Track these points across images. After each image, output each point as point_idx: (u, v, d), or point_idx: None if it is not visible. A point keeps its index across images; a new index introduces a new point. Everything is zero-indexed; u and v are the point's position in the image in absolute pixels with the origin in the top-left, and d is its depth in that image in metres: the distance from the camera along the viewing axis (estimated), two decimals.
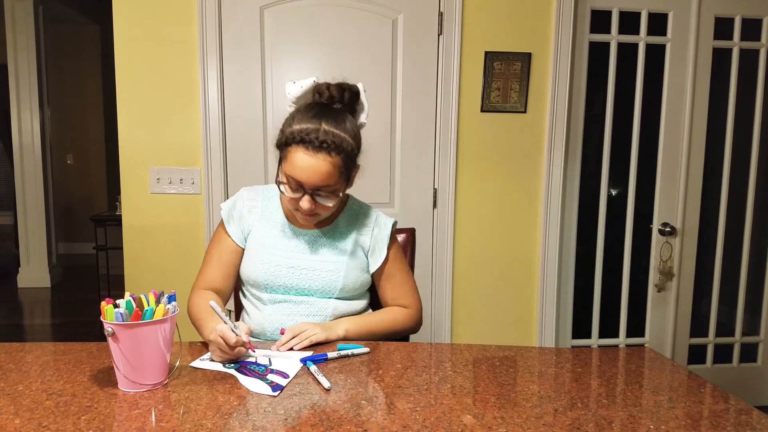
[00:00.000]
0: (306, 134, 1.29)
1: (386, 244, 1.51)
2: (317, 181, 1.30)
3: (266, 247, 1.45)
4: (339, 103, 1.36)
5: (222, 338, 1.16)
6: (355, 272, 1.47)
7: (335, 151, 1.29)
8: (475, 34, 2.42)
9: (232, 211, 1.50)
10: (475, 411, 0.99)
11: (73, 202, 6.99)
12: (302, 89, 1.38)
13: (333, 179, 1.32)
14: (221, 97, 2.36)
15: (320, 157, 1.29)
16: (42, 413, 0.95)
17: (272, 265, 1.43)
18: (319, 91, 1.36)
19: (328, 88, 1.36)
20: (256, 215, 1.49)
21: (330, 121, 1.31)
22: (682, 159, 2.65)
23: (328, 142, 1.28)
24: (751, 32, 2.63)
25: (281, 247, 1.45)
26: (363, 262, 1.50)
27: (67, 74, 6.75)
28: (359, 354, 1.27)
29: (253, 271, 1.44)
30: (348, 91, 1.37)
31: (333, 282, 1.43)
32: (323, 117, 1.32)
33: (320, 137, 1.28)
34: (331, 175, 1.31)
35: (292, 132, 1.31)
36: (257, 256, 1.44)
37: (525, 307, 2.61)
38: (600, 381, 1.15)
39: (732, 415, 1.01)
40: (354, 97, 1.38)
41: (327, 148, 1.28)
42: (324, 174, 1.30)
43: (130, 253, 2.41)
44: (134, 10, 2.30)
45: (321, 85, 1.37)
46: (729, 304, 2.86)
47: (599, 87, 2.61)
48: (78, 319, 4.54)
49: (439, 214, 2.51)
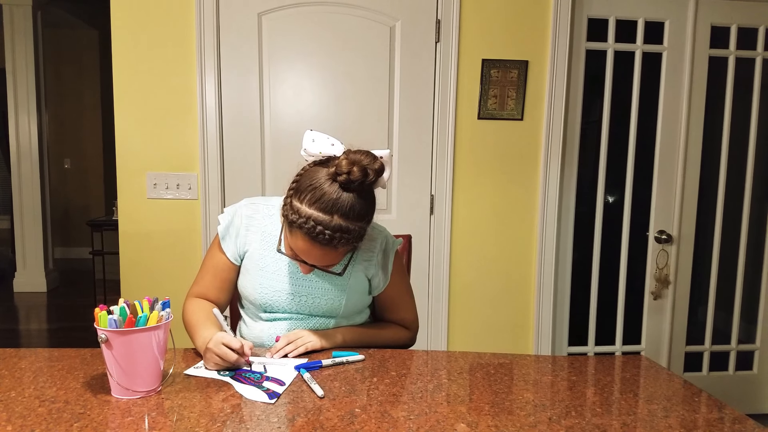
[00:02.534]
0: (314, 228, 1.18)
1: (389, 270, 1.48)
2: (321, 263, 1.27)
3: (265, 272, 1.40)
4: (361, 186, 1.20)
5: (225, 345, 1.15)
6: (357, 296, 1.45)
7: (344, 245, 1.22)
8: (473, 42, 2.43)
9: (229, 227, 1.43)
10: (470, 419, 0.99)
11: (70, 206, 6.98)
12: (320, 154, 1.25)
13: (338, 260, 1.29)
14: (219, 103, 2.37)
15: (327, 250, 1.22)
16: (34, 420, 0.94)
17: (271, 290, 1.39)
18: (338, 171, 1.18)
19: (350, 171, 1.17)
20: (255, 235, 1.43)
21: (343, 210, 1.19)
22: (679, 167, 2.66)
23: (337, 238, 1.19)
24: (747, 41, 2.65)
25: (281, 272, 1.40)
26: (365, 286, 1.47)
27: (65, 79, 6.76)
28: (354, 361, 1.27)
29: (252, 294, 1.41)
30: (371, 171, 1.19)
31: (335, 308, 1.41)
32: (336, 204, 1.18)
33: (328, 235, 1.18)
34: (336, 258, 1.27)
35: (300, 215, 1.19)
36: (256, 280, 1.40)
37: (521, 314, 2.61)
38: (595, 389, 1.15)
39: (726, 424, 1.01)
40: (378, 175, 1.22)
41: (335, 245, 1.20)
42: (329, 260, 1.26)
43: (126, 259, 2.41)
44: (132, 16, 2.30)
45: (341, 164, 1.18)
46: (725, 311, 2.86)
47: (596, 95, 2.62)
48: (74, 324, 4.53)
49: (436, 221, 2.51)
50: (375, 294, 1.49)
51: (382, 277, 1.47)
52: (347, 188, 1.19)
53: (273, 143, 2.42)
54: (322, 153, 1.25)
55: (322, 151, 1.25)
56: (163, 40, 2.32)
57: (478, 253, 2.55)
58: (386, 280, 1.48)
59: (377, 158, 1.22)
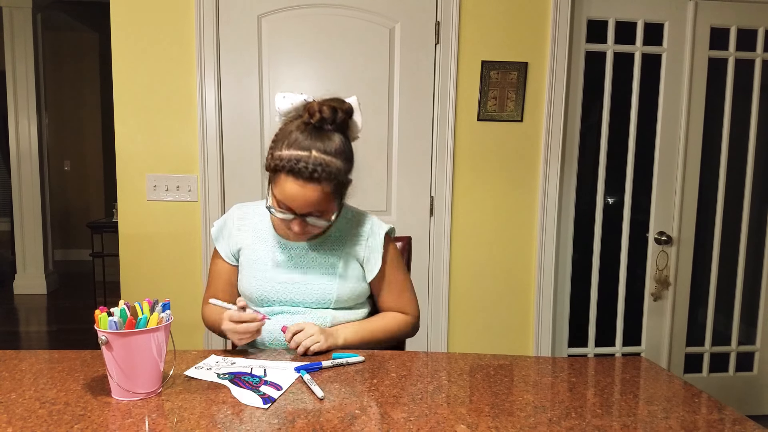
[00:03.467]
0: (296, 163, 1.25)
1: (380, 253, 1.48)
2: (308, 208, 1.30)
3: (258, 264, 1.45)
4: (331, 125, 1.30)
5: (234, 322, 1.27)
6: (350, 283, 1.45)
7: (326, 180, 1.27)
8: (472, 44, 2.43)
9: (222, 230, 1.51)
10: (469, 420, 0.99)
11: (70, 208, 6.98)
12: (292, 106, 1.34)
13: (324, 205, 1.31)
14: (218, 105, 2.37)
15: (310, 188, 1.26)
16: (35, 422, 0.94)
17: (264, 281, 1.43)
18: (310, 112, 1.29)
19: (319, 110, 1.28)
20: (247, 233, 1.49)
21: (319, 144, 1.27)
22: (678, 168, 2.66)
23: (318, 171, 1.25)
24: (746, 42, 2.65)
25: (273, 262, 1.45)
26: (358, 272, 1.48)
27: (65, 81, 6.77)
28: (354, 363, 1.27)
29: (248, 288, 1.46)
30: (341, 111, 1.31)
31: (326, 295, 1.43)
32: (313, 142, 1.27)
33: (310, 167, 1.24)
34: (321, 201, 1.29)
35: (281, 158, 1.27)
36: (251, 273, 1.45)
37: (521, 316, 2.61)
38: (595, 391, 1.15)
39: (726, 425, 1.01)
40: (347, 116, 1.33)
41: (317, 178, 1.26)
42: (314, 202, 1.29)
43: (126, 261, 2.41)
44: (132, 18, 2.30)
45: (312, 106, 1.31)
46: (725, 313, 2.86)
47: (595, 96, 2.62)
48: (74, 326, 4.53)
49: (436, 222, 2.51)
50: (371, 278, 1.49)
51: (376, 259, 1.48)
52: (321, 128, 1.30)
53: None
54: (294, 104, 1.34)
55: (293, 102, 1.34)
56: (162, 42, 2.32)
57: (478, 255, 2.55)
58: (380, 262, 1.48)
59: (345, 101, 1.34)
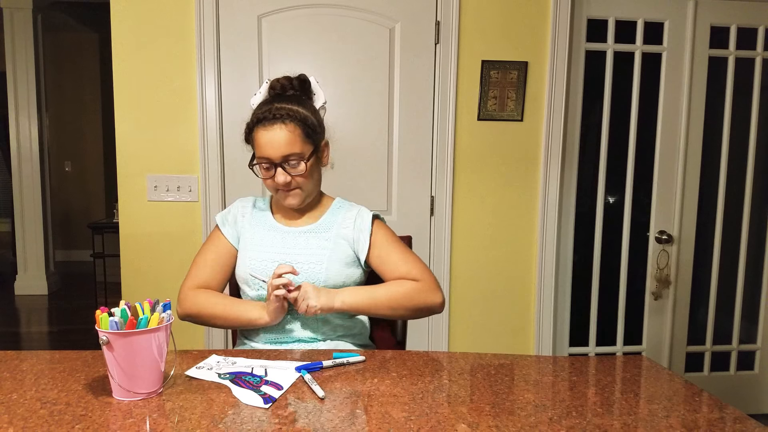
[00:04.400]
0: (261, 114, 1.41)
1: (368, 231, 1.51)
2: (281, 150, 1.39)
3: (254, 244, 1.51)
4: (291, 90, 1.48)
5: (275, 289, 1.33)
6: (338, 265, 1.47)
7: (289, 119, 1.39)
8: (472, 43, 2.43)
9: (227, 215, 1.58)
10: (470, 420, 0.99)
11: (70, 209, 6.99)
12: (261, 94, 1.50)
13: (296, 146, 1.40)
14: (219, 105, 2.37)
15: (276, 128, 1.38)
16: (36, 422, 0.95)
17: (258, 261, 1.48)
18: (272, 86, 1.48)
19: (278, 80, 1.48)
20: (248, 219, 1.56)
21: (281, 101, 1.43)
22: (679, 167, 2.66)
23: (282, 113, 1.39)
24: (746, 41, 2.65)
25: (268, 243, 1.50)
26: (348, 256, 1.49)
27: (65, 82, 6.77)
28: (355, 362, 1.27)
29: (241, 269, 1.50)
30: (296, 79, 1.48)
31: (315, 273, 1.45)
32: (275, 100, 1.43)
33: (273, 113, 1.39)
34: (291, 141, 1.39)
35: (251, 118, 1.44)
36: (247, 254, 1.50)
37: (522, 315, 2.61)
38: (595, 389, 1.15)
39: (727, 423, 1.01)
40: (304, 83, 1.49)
41: (281, 117, 1.38)
42: (285, 142, 1.38)
43: (127, 261, 2.41)
44: (133, 19, 2.31)
45: (273, 81, 1.49)
46: (726, 311, 2.86)
47: (596, 95, 2.62)
48: (75, 327, 4.53)
49: (437, 222, 2.51)
50: (363, 257, 1.51)
51: (364, 238, 1.51)
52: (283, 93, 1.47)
53: None
54: (261, 92, 1.50)
55: (261, 91, 1.50)
56: (163, 42, 2.33)
57: (479, 254, 2.55)
58: (368, 239, 1.50)
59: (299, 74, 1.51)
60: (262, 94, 1.49)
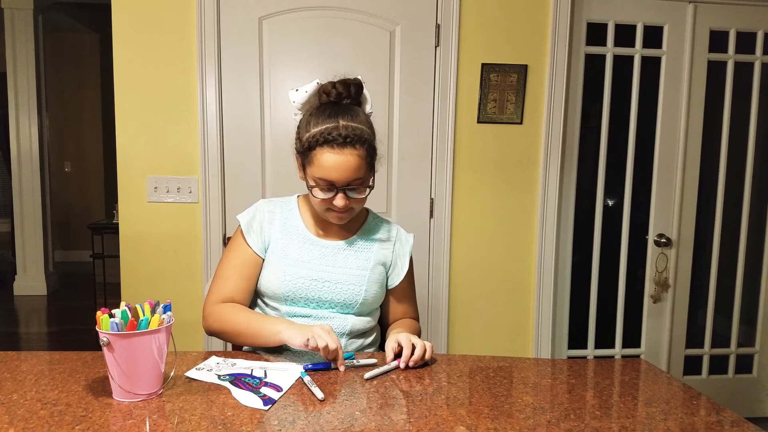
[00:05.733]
0: (328, 134, 1.30)
1: (408, 259, 1.52)
2: (348, 176, 1.32)
3: (288, 259, 1.43)
4: (347, 99, 1.38)
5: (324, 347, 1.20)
6: (375, 286, 1.46)
7: (359, 143, 1.31)
8: (472, 46, 2.44)
9: (252, 222, 1.47)
10: (469, 422, 0.99)
11: (70, 210, 6.98)
12: (307, 94, 1.38)
13: (362, 171, 1.33)
14: (219, 107, 2.37)
15: (347, 152, 1.30)
16: (36, 423, 0.95)
17: (294, 278, 1.41)
18: (325, 91, 1.37)
19: (334, 86, 1.37)
20: (277, 227, 1.47)
21: (345, 116, 1.33)
22: (678, 170, 2.66)
23: (351, 136, 1.30)
24: (745, 45, 2.66)
25: (304, 259, 1.43)
26: (382, 277, 1.49)
27: (65, 83, 6.77)
28: (366, 365, 1.26)
29: (274, 283, 1.41)
30: (353, 85, 1.38)
31: (354, 295, 1.42)
32: (338, 114, 1.33)
33: (342, 133, 1.29)
34: (359, 167, 1.32)
35: (313, 135, 1.32)
36: (279, 268, 1.42)
37: (521, 318, 2.61)
38: (594, 392, 1.15)
39: (725, 427, 1.01)
40: (359, 89, 1.40)
41: (351, 142, 1.30)
42: (353, 168, 1.31)
43: (126, 262, 2.42)
44: (133, 20, 2.31)
45: (326, 86, 1.38)
46: (724, 315, 2.86)
47: (595, 99, 2.63)
48: (74, 328, 4.53)
49: (436, 224, 2.51)
50: (394, 284, 1.51)
51: (403, 265, 1.51)
52: (339, 101, 1.37)
53: (273, 147, 2.42)
54: (307, 91, 1.38)
55: (307, 90, 1.38)
56: (164, 43, 2.33)
57: (478, 257, 2.56)
58: (406, 267, 1.51)
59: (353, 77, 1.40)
60: (308, 93, 1.38)
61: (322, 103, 1.38)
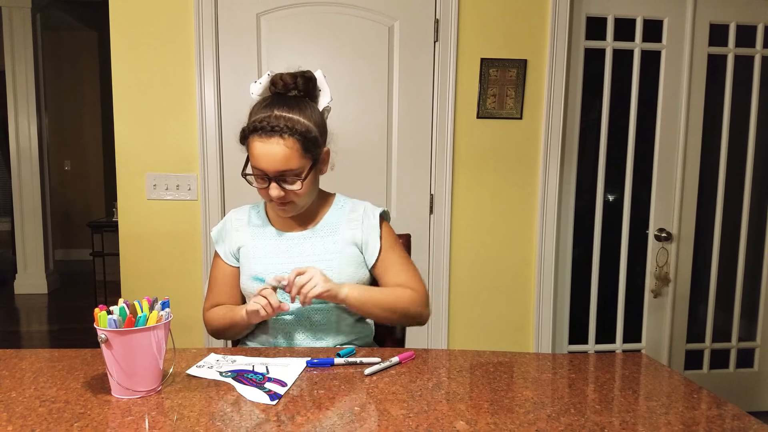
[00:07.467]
0: (259, 122, 1.31)
1: (378, 234, 1.48)
2: (277, 165, 1.31)
3: (256, 258, 1.46)
4: (294, 90, 1.37)
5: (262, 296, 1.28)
6: (350, 268, 1.44)
7: (288, 133, 1.30)
8: (471, 41, 2.43)
9: (220, 233, 1.54)
10: (468, 417, 0.99)
11: (70, 208, 6.98)
12: (262, 85, 1.40)
13: (293, 162, 1.32)
14: (218, 104, 2.37)
15: (273, 142, 1.30)
16: (35, 420, 0.95)
17: (264, 275, 1.42)
18: (273, 82, 1.38)
19: (281, 78, 1.37)
20: (246, 231, 1.51)
21: (282, 107, 1.33)
22: (678, 165, 2.66)
23: (280, 126, 1.29)
24: (745, 38, 2.65)
25: (271, 254, 1.45)
26: (357, 258, 1.47)
27: (64, 81, 6.77)
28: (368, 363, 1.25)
29: (247, 284, 1.45)
30: (301, 77, 1.38)
31: None
32: (275, 104, 1.34)
33: (271, 123, 1.30)
34: (288, 158, 1.31)
35: (248, 124, 1.34)
36: (248, 268, 1.46)
37: (522, 313, 2.61)
38: (594, 387, 1.15)
39: (726, 421, 1.01)
40: (309, 82, 1.39)
41: (279, 131, 1.29)
42: (281, 158, 1.31)
43: (126, 260, 2.41)
44: (131, 18, 2.30)
45: (275, 76, 1.38)
46: (725, 309, 2.86)
47: (595, 93, 2.62)
48: (75, 326, 4.53)
49: (436, 220, 2.51)
50: (372, 262, 1.48)
51: (374, 240, 1.47)
52: (286, 92, 1.37)
53: None
54: (262, 83, 1.39)
55: (262, 82, 1.39)
56: (161, 41, 2.32)
57: (478, 252, 2.55)
58: (378, 243, 1.47)
59: (306, 70, 1.40)
60: (263, 85, 1.39)
61: (270, 93, 1.40)
